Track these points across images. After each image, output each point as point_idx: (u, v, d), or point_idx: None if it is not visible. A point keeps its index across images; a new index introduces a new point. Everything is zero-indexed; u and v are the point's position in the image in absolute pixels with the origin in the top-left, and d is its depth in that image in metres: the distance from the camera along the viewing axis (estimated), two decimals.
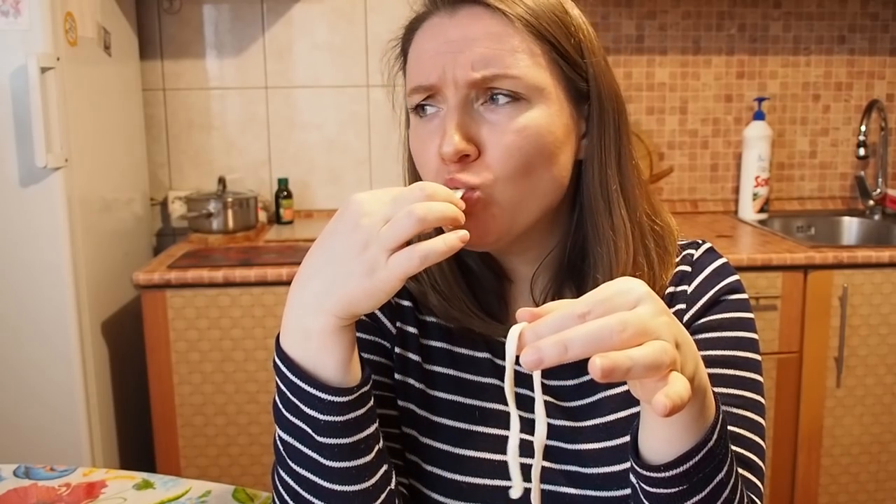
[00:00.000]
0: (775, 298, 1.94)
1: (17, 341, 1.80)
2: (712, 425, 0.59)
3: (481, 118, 0.70)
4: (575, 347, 0.48)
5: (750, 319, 0.79)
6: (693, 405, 0.57)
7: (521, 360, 0.49)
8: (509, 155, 0.69)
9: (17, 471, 1.00)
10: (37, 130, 1.67)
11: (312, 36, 2.38)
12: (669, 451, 0.59)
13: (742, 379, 0.75)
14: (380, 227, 0.58)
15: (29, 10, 1.67)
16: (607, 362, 0.47)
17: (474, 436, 0.77)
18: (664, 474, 0.59)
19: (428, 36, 0.72)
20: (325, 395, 0.63)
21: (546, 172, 0.72)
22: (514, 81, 0.69)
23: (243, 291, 1.86)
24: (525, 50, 0.69)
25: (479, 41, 0.69)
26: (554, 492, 0.76)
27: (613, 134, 0.75)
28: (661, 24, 2.44)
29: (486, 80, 0.69)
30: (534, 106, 0.70)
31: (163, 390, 1.88)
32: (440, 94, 0.71)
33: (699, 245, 0.83)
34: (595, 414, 0.77)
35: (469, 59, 0.69)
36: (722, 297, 0.79)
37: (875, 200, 2.45)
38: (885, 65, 2.51)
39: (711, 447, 0.59)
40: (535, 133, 0.70)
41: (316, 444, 0.64)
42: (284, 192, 2.36)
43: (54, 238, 1.76)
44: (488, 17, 0.69)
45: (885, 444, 2.04)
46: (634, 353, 0.48)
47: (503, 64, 0.68)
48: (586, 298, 0.52)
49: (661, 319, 0.52)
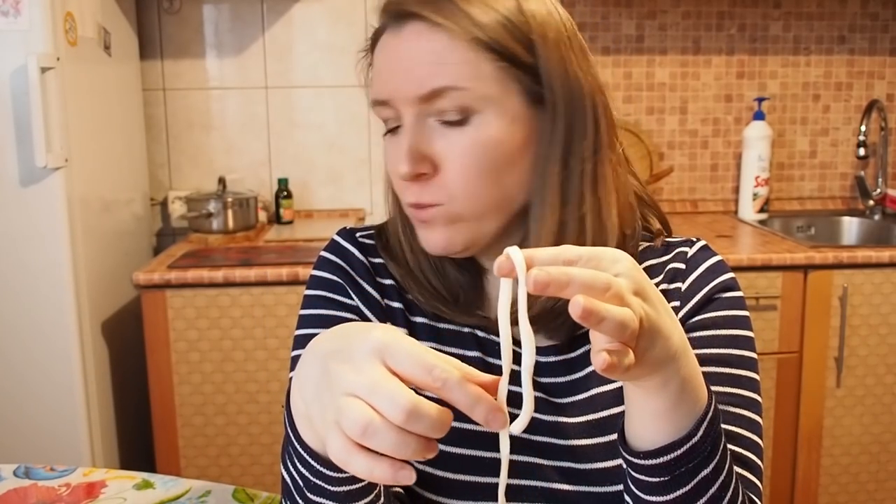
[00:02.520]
0: (775, 298, 1.94)
1: (17, 341, 1.80)
2: (698, 421, 0.58)
3: (435, 134, 0.71)
4: (574, 285, 0.49)
5: (745, 317, 0.79)
6: (664, 392, 0.57)
7: (529, 280, 0.48)
8: (465, 170, 0.71)
9: (17, 471, 1.00)
10: (37, 130, 1.67)
11: (312, 36, 2.38)
12: (651, 439, 0.59)
13: (738, 377, 0.75)
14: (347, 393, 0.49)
15: (29, 10, 1.67)
16: (589, 304, 0.48)
17: (465, 434, 0.77)
18: (644, 462, 0.59)
19: (381, 52, 0.74)
20: (313, 461, 0.59)
21: (507, 178, 0.72)
22: (461, 94, 0.69)
23: (243, 291, 1.86)
24: (469, 61, 0.69)
25: (422, 57, 0.70)
26: (549, 488, 0.76)
27: (565, 130, 0.73)
28: (661, 24, 2.44)
29: (434, 96, 0.70)
30: (485, 115, 0.71)
31: (163, 390, 1.88)
32: (396, 110, 0.72)
33: (693, 243, 0.83)
34: (587, 410, 0.77)
35: (415, 77, 0.70)
36: (716, 294, 0.79)
37: (875, 200, 2.45)
38: (885, 65, 2.51)
39: (696, 443, 0.58)
40: (489, 144, 0.71)
41: (307, 500, 0.63)
42: (284, 192, 2.37)
43: (54, 238, 1.76)
44: (431, 33, 0.70)
45: (885, 444, 2.04)
46: (612, 308, 0.49)
47: (450, 77, 0.69)
48: (577, 248, 0.52)
49: (634, 299, 0.52)
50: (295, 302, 1.86)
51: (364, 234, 0.86)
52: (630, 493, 0.63)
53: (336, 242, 0.86)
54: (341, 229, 0.87)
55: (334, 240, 0.86)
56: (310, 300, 0.84)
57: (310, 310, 0.83)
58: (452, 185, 0.71)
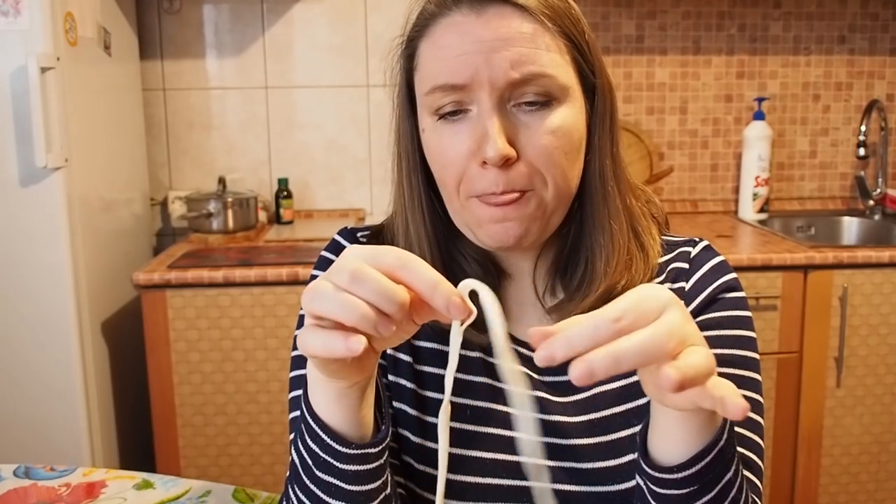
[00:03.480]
0: (775, 298, 1.94)
1: (18, 341, 1.80)
2: (723, 424, 0.59)
3: (516, 119, 0.70)
4: (627, 360, 0.48)
5: (748, 317, 0.79)
6: (705, 409, 0.56)
7: (570, 375, 0.47)
8: (548, 156, 0.70)
9: (17, 471, 1.00)
10: (37, 130, 1.67)
11: (312, 36, 2.38)
12: (682, 451, 0.59)
13: (741, 378, 0.75)
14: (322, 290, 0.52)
15: (29, 10, 1.67)
16: (681, 378, 0.47)
17: (465, 435, 0.77)
18: (676, 475, 0.59)
19: (450, 34, 0.70)
20: (325, 434, 0.62)
21: (576, 169, 0.73)
22: (549, 80, 0.69)
23: (243, 291, 1.86)
24: (555, 48, 0.70)
25: (514, 40, 0.68)
26: (553, 489, 0.76)
27: (610, 124, 0.76)
28: (661, 24, 2.44)
29: (525, 80, 0.68)
30: (563, 104, 0.70)
31: (163, 390, 1.88)
32: (470, 94, 0.69)
33: (696, 243, 0.83)
34: (590, 409, 0.77)
35: (507, 59, 0.67)
36: (720, 294, 0.79)
37: (875, 200, 2.45)
38: (885, 65, 2.51)
39: (722, 447, 0.59)
40: (568, 132, 0.70)
41: (314, 478, 0.64)
42: (284, 192, 2.36)
43: (54, 238, 1.76)
44: (519, 17, 0.69)
45: (885, 444, 2.04)
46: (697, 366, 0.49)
47: (540, 63, 0.68)
48: (616, 304, 0.50)
49: (691, 326, 0.51)
50: (295, 302, 1.86)
51: (365, 233, 0.86)
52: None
53: (336, 242, 0.85)
54: (342, 229, 0.87)
55: (335, 239, 0.86)
56: None
57: None
58: (536, 167, 0.70)
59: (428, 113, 0.72)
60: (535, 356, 0.49)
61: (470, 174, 0.70)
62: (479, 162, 0.69)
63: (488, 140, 0.68)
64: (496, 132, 0.68)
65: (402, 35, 0.76)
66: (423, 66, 0.72)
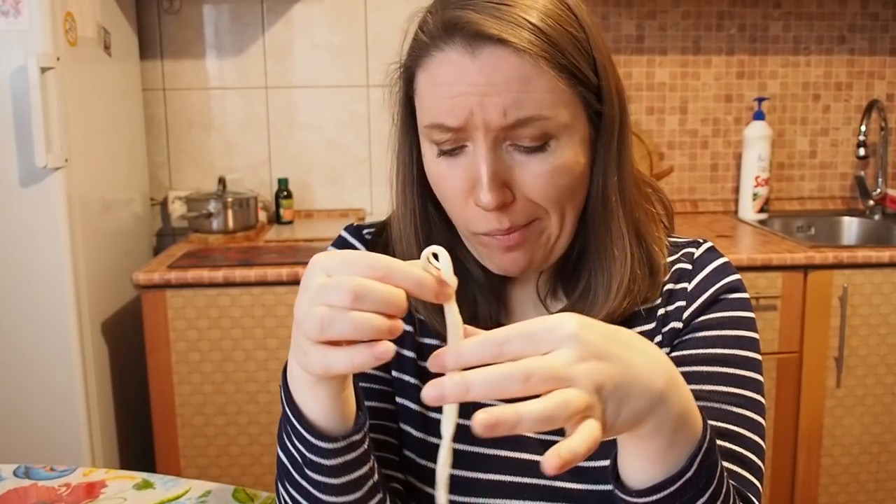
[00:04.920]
0: (775, 298, 1.94)
1: (17, 341, 1.79)
2: (692, 456, 0.57)
3: (511, 159, 0.69)
4: (476, 389, 0.47)
5: (750, 318, 0.79)
6: (658, 438, 0.55)
7: (422, 394, 0.48)
8: (546, 194, 0.69)
9: (17, 471, 1.00)
10: (37, 130, 1.67)
11: (312, 36, 2.38)
12: (644, 478, 0.57)
13: (741, 378, 0.75)
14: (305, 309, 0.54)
15: (29, 10, 1.67)
16: (489, 418, 0.45)
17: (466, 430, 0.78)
18: (637, 500, 0.58)
19: (446, 72, 0.67)
20: (310, 436, 0.64)
21: (580, 196, 0.73)
22: (545, 122, 0.67)
23: (243, 291, 1.86)
24: (553, 89, 0.67)
25: (509, 84, 0.65)
26: (550, 486, 0.77)
27: (618, 142, 0.74)
28: (661, 24, 2.44)
29: (519, 124, 0.66)
30: (562, 140, 0.69)
31: (163, 390, 1.88)
32: (466, 134, 0.68)
33: (700, 244, 0.84)
34: None
35: (500, 104, 0.65)
36: (722, 295, 0.79)
37: (875, 200, 2.45)
38: (885, 65, 2.51)
39: (690, 477, 0.57)
40: (566, 169, 0.70)
41: (305, 476, 0.66)
42: (284, 192, 2.36)
43: (54, 238, 1.76)
44: (515, 58, 0.65)
45: (885, 444, 2.04)
46: (522, 408, 0.46)
47: (535, 106, 0.66)
48: (510, 328, 0.49)
49: (582, 366, 0.49)
50: (295, 302, 1.85)
51: (370, 231, 0.86)
52: None
53: (343, 239, 0.86)
54: (348, 226, 0.87)
55: (342, 236, 0.86)
56: None
57: None
58: (535, 204, 0.70)
59: (427, 141, 0.72)
60: (427, 362, 0.50)
61: (471, 214, 0.71)
62: (475, 199, 0.69)
63: (481, 188, 0.68)
64: (488, 180, 0.67)
65: (401, 54, 0.74)
66: (421, 96, 0.71)
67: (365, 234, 0.85)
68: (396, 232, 0.79)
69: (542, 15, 0.67)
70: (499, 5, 0.66)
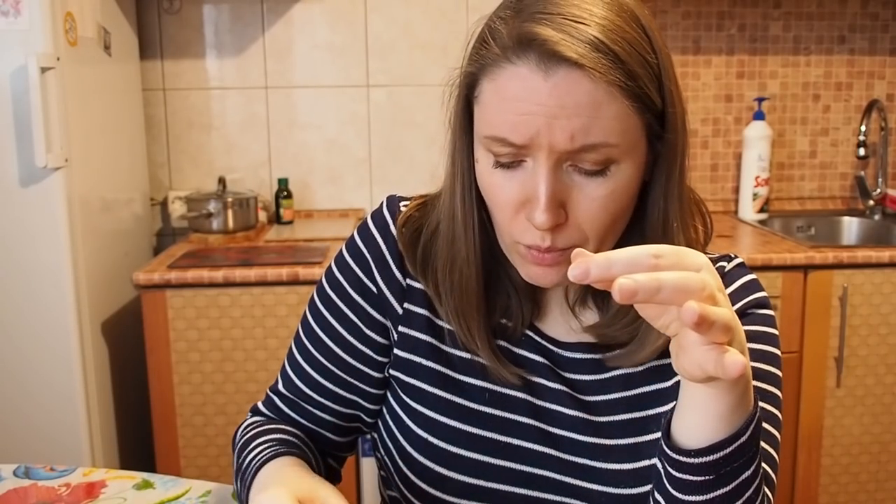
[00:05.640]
0: (775, 298, 1.94)
1: (17, 341, 1.79)
2: (747, 421, 0.60)
3: (570, 180, 0.68)
4: (667, 289, 0.49)
5: (775, 335, 0.80)
6: (733, 394, 0.58)
7: (615, 289, 0.49)
8: (599, 219, 0.69)
9: (17, 471, 1.00)
10: (37, 130, 1.67)
11: (312, 36, 2.38)
12: (702, 437, 0.60)
13: (763, 392, 0.76)
14: None
15: (29, 10, 1.67)
16: (632, 284, 0.49)
17: (482, 440, 0.79)
18: (693, 460, 0.60)
19: (515, 87, 0.66)
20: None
21: (622, 223, 0.73)
22: (610, 150, 0.66)
23: (243, 291, 1.86)
24: (622, 115, 0.66)
25: (579, 109, 0.64)
26: (567, 483, 0.77)
27: (679, 164, 0.73)
28: (661, 24, 2.44)
29: (584, 150, 0.66)
30: (621, 166, 0.68)
31: (163, 390, 1.88)
32: (527, 151, 0.67)
33: (731, 259, 0.85)
34: (612, 411, 0.78)
35: (569, 128, 0.64)
36: (750, 309, 0.80)
37: (875, 200, 2.45)
38: (885, 65, 2.51)
39: (744, 442, 0.59)
40: (622, 194, 0.69)
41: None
42: (284, 192, 2.36)
43: (54, 238, 1.76)
44: (588, 83, 0.64)
45: (885, 444, 2.04)
46: (663, 276, 0.50)
47: (603, 133, 0.65)
48: (656, 245, 0.52)
49: (721, 295, 0.54)
50: (295, 302, 1.86)
51: (407, 203, 0.84)
52: (664, 493, 0.64)
53: (381, 214, 0.84)
54: (390, 196, 0.85)
55: (380, 210, 0.84)
56: (340, 264, 0.84)
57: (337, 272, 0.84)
58: (586, 228, 0.69)
59: (484, 149, 0.71)
60: (569, 271, 0.51)
61: (519, 224, 0.70)
62: (527, 215, 0.69)
63: (537, 206, 0.67)
64: (546, 200, 0.66)
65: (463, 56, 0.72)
66: (484, 105, 0.69)
67: (401, 206, 0.83)
68: (448, 232, 0.78)
69: (619, 38, 0.65)
70: (575, 23, 0.64)
